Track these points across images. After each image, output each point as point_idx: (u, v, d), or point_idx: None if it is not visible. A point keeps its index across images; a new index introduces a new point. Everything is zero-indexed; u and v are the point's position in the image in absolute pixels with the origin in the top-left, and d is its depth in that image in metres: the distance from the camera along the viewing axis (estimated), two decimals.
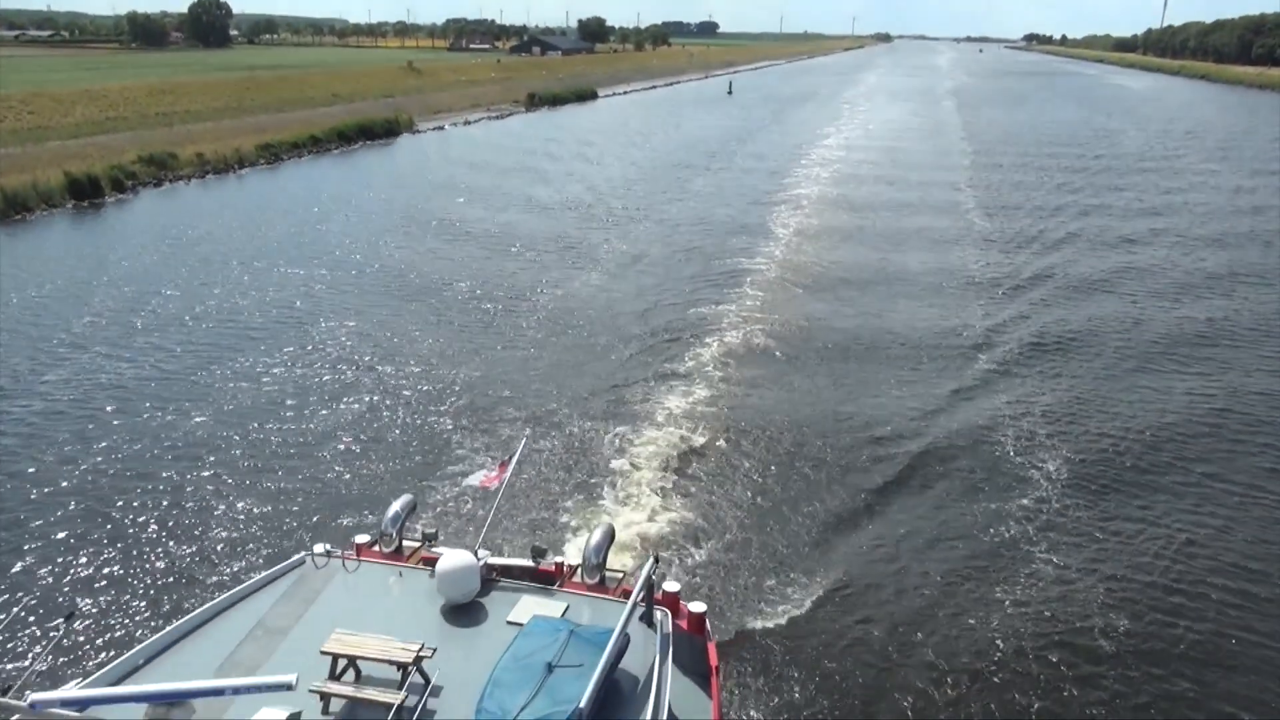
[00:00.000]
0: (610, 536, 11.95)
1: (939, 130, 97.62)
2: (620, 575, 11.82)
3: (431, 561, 11.27)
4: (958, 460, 22.50)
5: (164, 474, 21.71)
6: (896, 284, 37.42)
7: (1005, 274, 38.92)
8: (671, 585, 11.68)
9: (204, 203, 53.95)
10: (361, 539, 12.30)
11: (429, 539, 12.23)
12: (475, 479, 13.27)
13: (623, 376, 27.47)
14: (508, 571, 11.34)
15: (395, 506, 12.29)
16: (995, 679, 15.20)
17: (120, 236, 45.10)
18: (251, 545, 18.84)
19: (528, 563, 11.62)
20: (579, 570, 11.73)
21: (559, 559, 12.17)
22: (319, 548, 11.47)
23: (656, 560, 10.67)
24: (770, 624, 16.33)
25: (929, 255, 42.15)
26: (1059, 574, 17.96)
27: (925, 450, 22.89)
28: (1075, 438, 23.88)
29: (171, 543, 18.91)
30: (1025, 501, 20.57)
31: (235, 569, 17.84)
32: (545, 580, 11.47)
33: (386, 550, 12.01)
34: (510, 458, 13.23)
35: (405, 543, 12.20)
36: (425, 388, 26.58)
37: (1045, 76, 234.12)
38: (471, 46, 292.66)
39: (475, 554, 10.79)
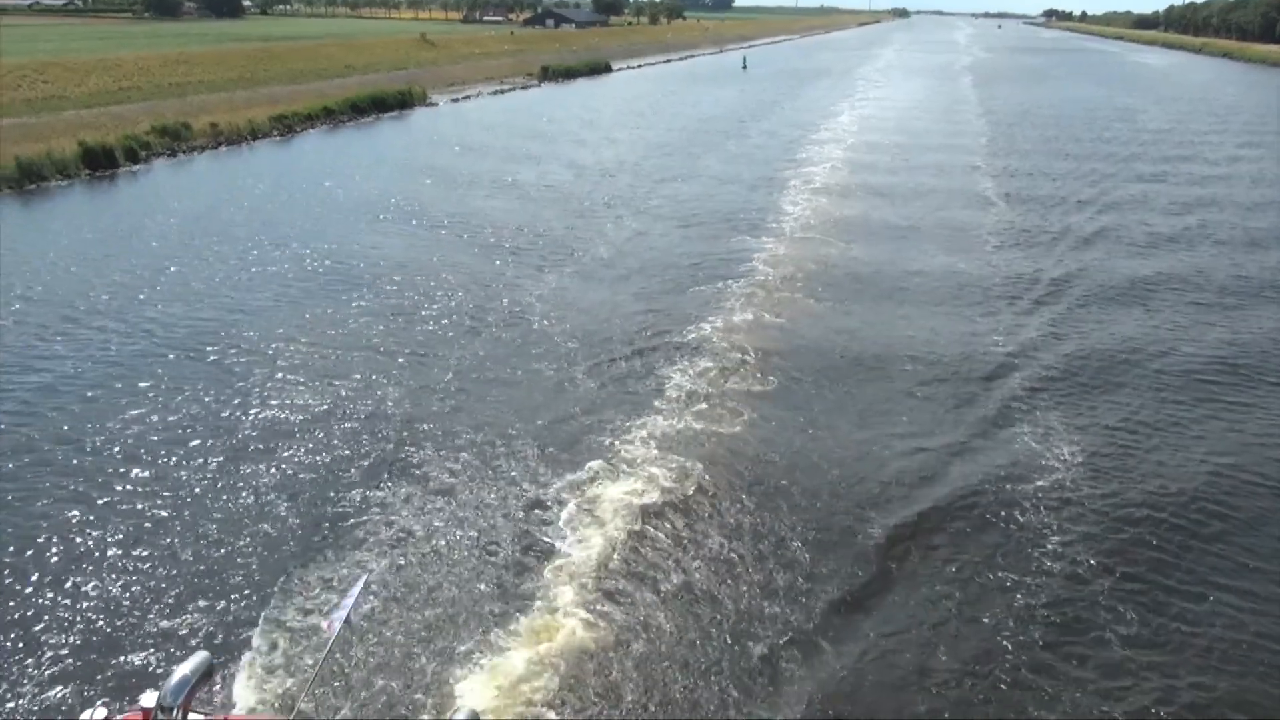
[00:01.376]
0: None
1: (956, 108, 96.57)
2: None
3: None
4: (974, 535, 18.62)
5: None
6: (911, 284, 34.66)
7: (1031, 275, 35.95)
8: None
9: (211, 176, 54.09)
10: (148, 701, 9.29)
11: None
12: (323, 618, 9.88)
13: (570, 420, 22.86)
14: None
15: (184, 669, 9.19)
16: None
17: (114, 212, 45.23)
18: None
19: None
20: None
21: None
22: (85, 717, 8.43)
23: None
24: None
25: (946, 250, 39.60)
26: None
27: (940, 523, 18.94)
28: (1121, 494, 20.18)
29: None
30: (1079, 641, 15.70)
31: None
32: None
33: None
34: (345, 597, 10.00)
35: (192, 717, 9.35)
36: (302, 465, 20.62)
37: (1065, 53, 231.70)
38: (485, 19, 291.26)
39: None
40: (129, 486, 19.71)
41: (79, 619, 15.81)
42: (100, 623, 15.76)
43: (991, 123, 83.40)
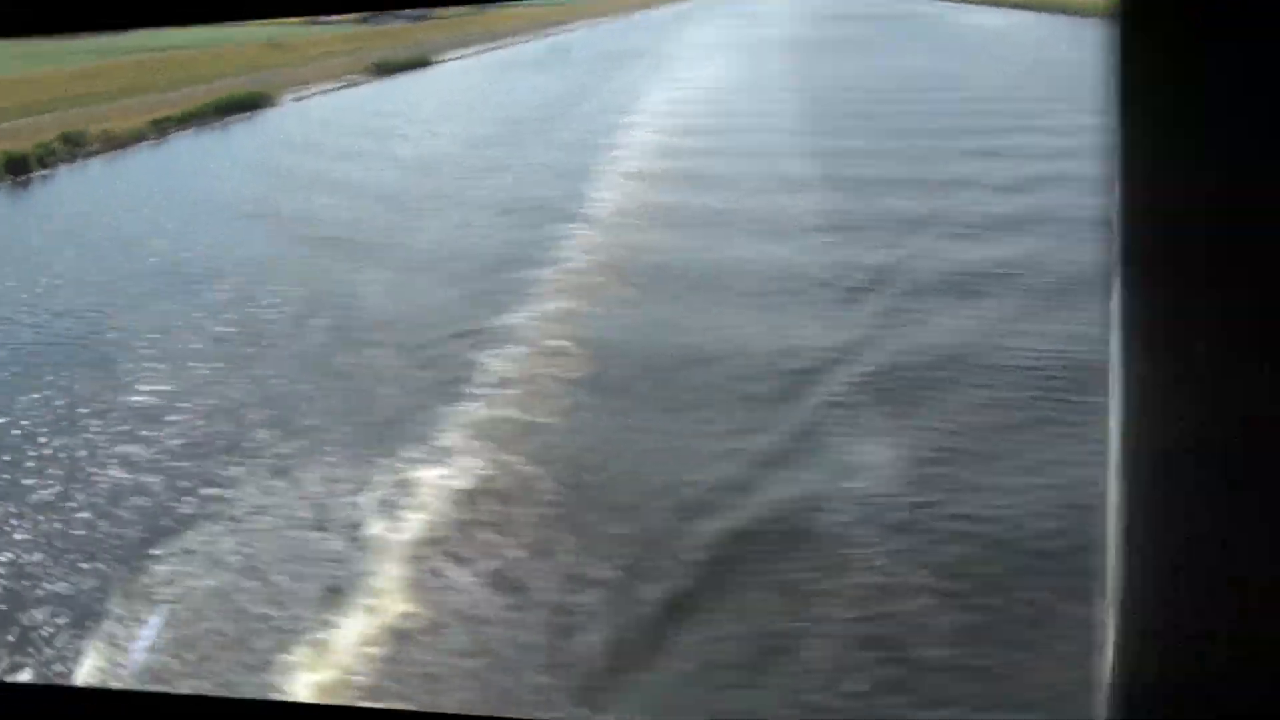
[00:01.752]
0: None
1: (770, 85, 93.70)
2: None
3: None
4: (791, 542, 18.27)
5: None
6: (726, 273, 34.17)
7: (851, 262, 34.11)
8: None
9: (104, 178, 62.43)
10: None
11: None
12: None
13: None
14: None
15: None
16: None
17: (27, 214, 54.89)
18: None
19: None
20: None
21: None
22: None
23: None
24: None
25: (762, 237, 38.44)
26: None
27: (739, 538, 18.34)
28: (946, 506, 19.36)
29: None
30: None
31: None
32: None
33: None
34: (147, 629, 9.57)
35: None
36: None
37: (890, 20, 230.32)
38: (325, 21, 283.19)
39: None
40: (24, 465, 22.71)
41: None
42: None
43: (809, 99, 79.04)
